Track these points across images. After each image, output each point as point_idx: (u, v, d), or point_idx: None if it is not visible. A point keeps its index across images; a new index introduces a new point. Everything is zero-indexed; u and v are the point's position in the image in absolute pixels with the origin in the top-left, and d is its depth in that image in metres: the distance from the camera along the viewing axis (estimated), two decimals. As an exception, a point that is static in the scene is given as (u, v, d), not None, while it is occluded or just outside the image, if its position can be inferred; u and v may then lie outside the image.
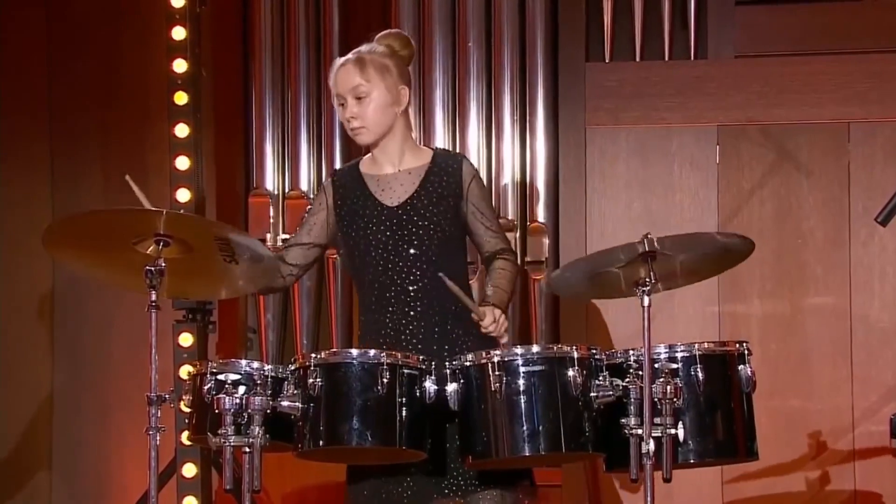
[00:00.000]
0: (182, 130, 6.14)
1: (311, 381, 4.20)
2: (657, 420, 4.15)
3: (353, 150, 6.25)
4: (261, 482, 4.23)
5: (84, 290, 6.52)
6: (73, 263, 4.52)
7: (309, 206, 4.71)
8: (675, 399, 4.17)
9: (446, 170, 4.57)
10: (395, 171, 4.58)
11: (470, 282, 4.74)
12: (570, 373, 4.20)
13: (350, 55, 4.56)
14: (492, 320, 4.43)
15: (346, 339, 6.14)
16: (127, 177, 4.47)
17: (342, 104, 4.55)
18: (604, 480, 5.85)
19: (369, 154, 4.65)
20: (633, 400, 4.17)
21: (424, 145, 4.67)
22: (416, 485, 4.39)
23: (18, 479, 6.57)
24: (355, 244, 4.55)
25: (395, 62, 4.55)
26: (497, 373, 4.18)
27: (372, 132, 4.54)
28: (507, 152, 6.14)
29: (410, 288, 4.49)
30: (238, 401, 4.22)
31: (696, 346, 4.30)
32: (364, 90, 4.51)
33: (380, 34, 4.63)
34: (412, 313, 4.49)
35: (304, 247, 4.64)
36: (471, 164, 4.63)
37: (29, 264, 6.55)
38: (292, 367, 4.29)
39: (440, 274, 4.41)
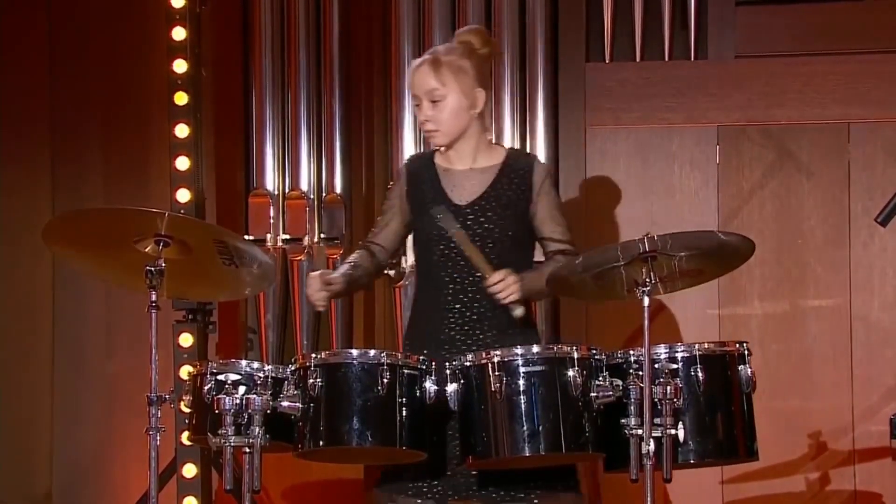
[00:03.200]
0: (182, 131, 6.14)
1: (311, 381, 4.21)
2: (657, 420, 4.15)
3: (354, 151, 6.25)
4: (261, 482, 4.23)
5: (84, 290, 6.52)
6: (73, 260, 4.52)
7: (387, 193, 4.72)
8: (675, 399, 4.17)
9: (517, 171, 4.56)
10: (466, 168, 4.57)
11: None
12: (571, 373, 4.20)
13: (427, 55, 4.55)
14: (499, 279, 4.39)
15: (346, 339, 6.14)
16: None
17: (418, 105, 4.54)
18: (604, 481, 5.85)
19: None
20: (633, 400, 4.17)
21: (497, 144, 4.66)
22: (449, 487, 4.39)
23: (19, 479, 6.56)
24: (420, 236, 4.57)
25: (472, 63, 4.53)
26: (497, 373, 4.18)
27: (446, 135, 4.54)
28: (507, 153, 6.13)
29: (470, 288, 4.49)
30: (238, 401, 4.22)
31: (697, 346, 4.31)
32: (439, 94, 4.50)
33: (460, 30, 4.64)
34: (470, 314, 4.49)
35: (389, 233, 4.65)
36: (542, 165, 4.64)
37: (30, 264, 6.55)
38: (292, 368, 4.29)
39: (455, 228, 4.39)
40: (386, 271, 6.06)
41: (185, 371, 5.82)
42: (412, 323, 4.66)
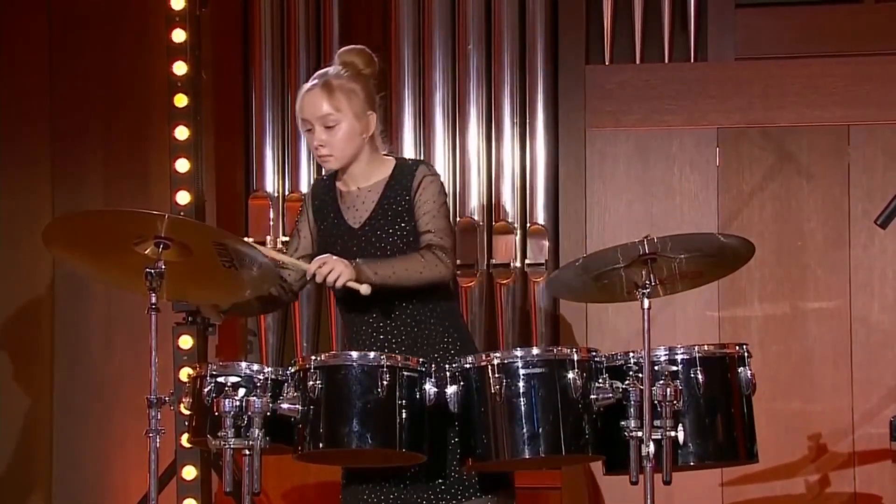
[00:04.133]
0: (182, 133, 6.14)
1: (310, 383, 4.21)
2: (657, 422, 4.15)
3: (354, 153, 6.26)
4: (261, 484, 4.23)
5: (84, 292, 6.52)
6: (73, 262, 4.52)
7: (295, 222, 4.65)
8: (674, 401, 4.17)
9: (401, 182, 4.47)
10: (357, 188, 4.51)
11: (463, 285, 4.71)
12: (570, 375, 4.20)
13: (316, 79, 4.45)
14: (317, 266, 4.31)
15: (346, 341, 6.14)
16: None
17: (309, 130, 4.46)
18: (604, 483, 5.85)
19: None
20: (632, 402, 4.17)
21: (388, 156, 4.54)
22: (411, 488, 4.38)
23: (19, 480, 6.57)
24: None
25: (361, 85, 4.44)
26: (497, 375, 4.18)
27: (339, 160, 4.46)
28: (507, 155, 6.14)
29: (374, 309, 4.44)
30: (238, 403, 4.22)
31: (696, 348, 4.30)
32: (333, 119, 4.42)
33: (341, 51, 4.52)
34: (382, 336, 4.44)
35: (295, 269, 4.57)
36: (427, 167, 4.50)
37: (30, 266, 6.55)
38: (292, 370, 4.29)
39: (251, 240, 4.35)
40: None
41: (185, 373, 5.83)
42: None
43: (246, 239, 4.63)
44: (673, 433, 4.16)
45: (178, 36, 6.14)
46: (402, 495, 4.37)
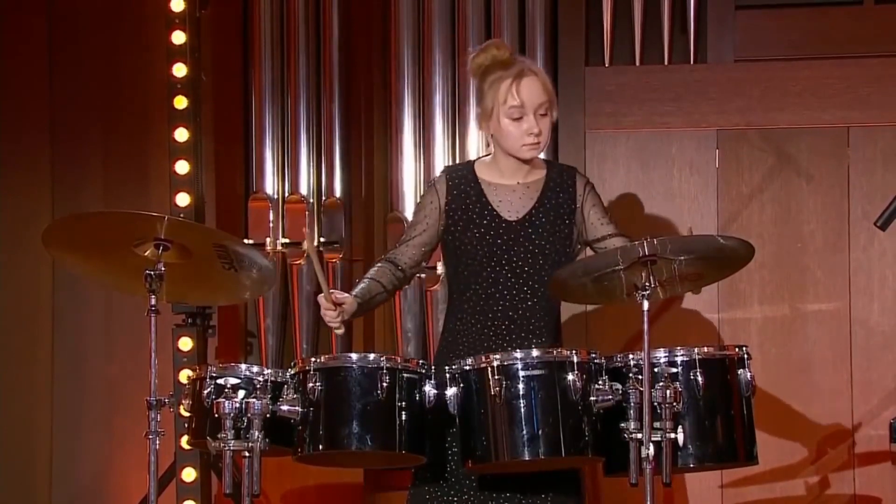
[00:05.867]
0: (182, 134, 6.14)
1: (310, 385, 4.21)
2: (657, 424, 4.15)
3: (354, 155, 6.25)
4: (260, 486, 4.24)
5: (84, 294, 6.52)
6: (73, 264, 4.52)
7: (418, 204, 4.64)
8: (674, 403, 4.17)
9: (561, 185, 4.56)
10: (514, 183, 4.55)
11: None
12: (570, 377, 4.20)
13: (531, 66, 4.53)
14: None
15: (346, 343, 6.14)
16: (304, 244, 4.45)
17: (519, 118, 4.49)
18: (603, 485, 5.85)
19: (488, 157, 4.62)
20: (632, 404, 4.17)
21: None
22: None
23: (18, 482, 6.56)
24: (466, 252, 4.51)
25: None
26: (497, 377, 4.18)
27: (543, 148, 4.55)
28: (506, 156, 6.13)
29: (520, 306, 4.47)
30: (238, 405, 4.22)
31: (696, 350, 4.31)
32: (547, 108, 4.51)
33: (499, 42, 4.64)
34: (520, 331, 4.47)
35: (417, 249, 4.57)
36: (582, 174, 4.64)
37: (30, 268, 6.55)
38: (292, 372, 4.29)
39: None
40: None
41: (185, 375, 5.83)
42: (447, 342, 4.57)
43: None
44: (673, 435, 4.16)
45: (178, 38, 6.14)
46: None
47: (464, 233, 4.51)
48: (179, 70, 6.14)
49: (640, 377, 4.17)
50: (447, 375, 4.25)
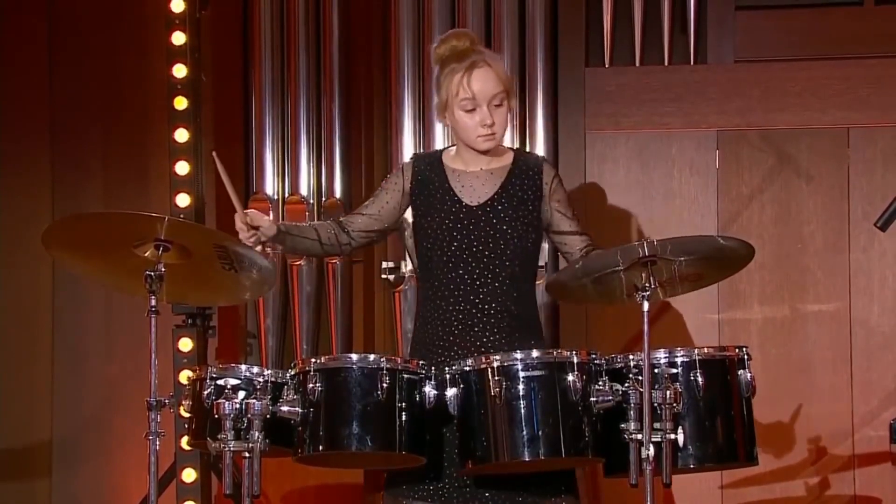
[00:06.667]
0: (182, 135, 6.14)
1: (310, 385, 4.21)
2: (657, 425, 4.15)
3: (354, 156, 6.25)
4: (260, 487, 4.23)
5: (84, 295, 6.52)
6: (73, 264, 4.52)
7: (383, 183, 4.69)
8: (674, 404, 4.17)
9: (527, 172, 4.57)
10: (477, 169, 4.57)
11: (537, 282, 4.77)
12: (570, 377, 4.20)
13: (485, 57, 4.53)
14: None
15: (346, 344, 6.14)
16: (214, 154, 4.46)
17: (472, 109, 4.52)
18: (603, 486, 5.85)
19: (453, 147, 4.65)
20: (632, 405, 4.18)
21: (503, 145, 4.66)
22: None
23: (19, 483, 6.56)
24: (427, 237, 4.55)
25: None
26: (497, 377, 4.18)
27: (498, 139, 4.56)
28: (506, 157, 6.13)
29: (481, 290, 4.48)
30: (238, 406, 4.22)
31: (696, 350, 4.31)
32: (501, 98, 4.51)
33: (467, 31, 4.65)
34: (481, 315, 4.48)
35: (370, 219, 4.62)
36: (550, 165, 4.66)
37: (30, 269, 6.55)
38: (292, 372, 4.29)
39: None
40: (384, 276, 6.06)
41: (185, 376, 5.82)
42: (417, 328, 4.64)
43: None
44: (673, 436, 4.16)
45: (178, 38, 6.14)
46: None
47: (425, 217, 4.55)
48: (179, 71, 6.14)
49: (640, 378, 4.18)
50: (447, 376, 4.25)
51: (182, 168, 6.13)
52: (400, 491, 4.43)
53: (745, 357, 4.36)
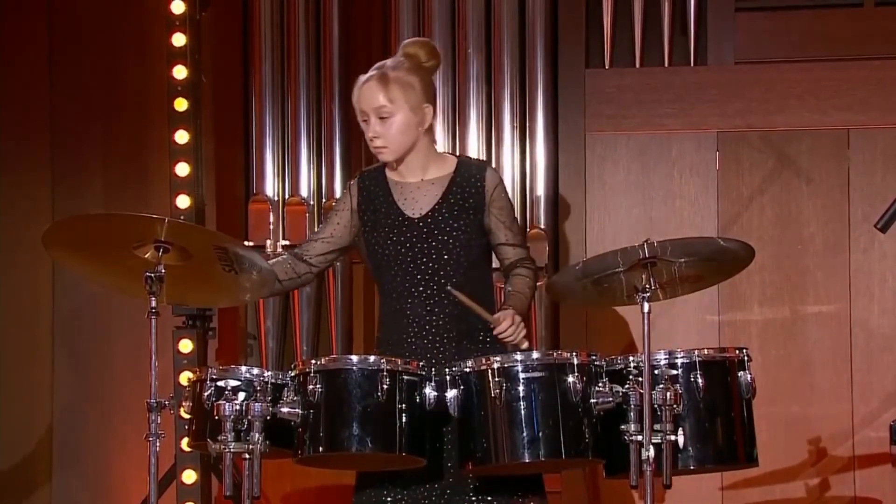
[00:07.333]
0: (182, 137, 6.14)
1: (311, 387, 4.21)
2: (657, 426, 4.15)
3: (354, 157, 6.25)
4: (260, 488, 4.23)
5: (84, 297, 6.52)
6: (73, 266, 4.52)
7: (333, 205, 4.69)
8: (675, 405, 4.17)
9: (469, 180, 4.53)
10: (418, 180, 4.56)
11: (499, 285, 4.75)
12: (570, 379, 4.20)
13: (373, 71, 4.51)
14: (508, 324, 4.39)
15: (346, 345, 6.14)
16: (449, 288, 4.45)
17: (365, 120, 4.52)
18: (604, 486, 5.85)
19: None
20: (632, 406, 4.17)
21: (449, 153, 4.64)
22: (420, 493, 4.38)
23: (19, 485, 6.56)
24: (375, 252, 4.54)
25: (419, 77, 4.50)
26: (497, 379, 4.18)
27: (394, 151, 4.51)
28: (506, 159, 6.13)
29: (429, 301, 4.47)
30: (238, 407, 4.22)
31: (696, 352, 4.31)
32: (388, 111, 4.47)
33: (406, 42, 4.59)
34: (430, 327, 4.48)
35: (325, 243, 4.61)
36: (495, 172, 4.62)
37: (30, 270, 6.55)
38: (292, 374, 4.29)
39: (448, 287, 4.40)
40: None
41: (185, 377, 5.82)
42: (379, 329, 4.62)
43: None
44: (673, 437, 4.16)
45: (178, 40, 6.14)
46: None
47: (372, 233, 4.54)
48: (180, 72, 6.14)
49: (640, 379, 4.17)
50: (447, 377, 4.25)
51: (182, 169, 6.13)
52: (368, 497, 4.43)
53: (746, 358, 4.36)
